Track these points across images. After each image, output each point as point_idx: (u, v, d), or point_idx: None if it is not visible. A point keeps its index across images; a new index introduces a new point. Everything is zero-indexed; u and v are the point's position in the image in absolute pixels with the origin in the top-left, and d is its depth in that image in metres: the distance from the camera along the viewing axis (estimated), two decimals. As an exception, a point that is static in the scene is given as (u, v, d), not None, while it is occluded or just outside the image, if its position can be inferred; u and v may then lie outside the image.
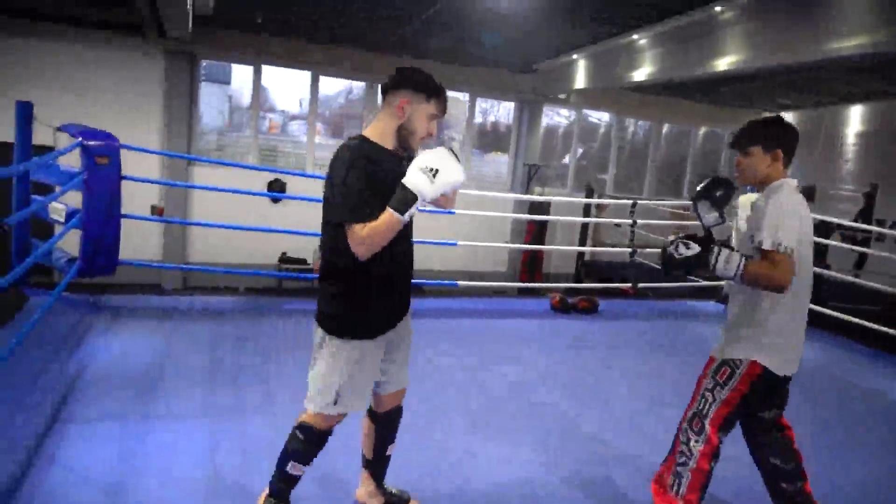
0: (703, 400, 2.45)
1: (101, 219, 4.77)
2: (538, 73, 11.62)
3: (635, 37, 8.61)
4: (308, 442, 2.27)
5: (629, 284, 6.98)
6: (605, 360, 4.82)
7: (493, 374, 4.29)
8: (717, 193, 2.49)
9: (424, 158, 2.00)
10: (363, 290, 2.17)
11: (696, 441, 2.43)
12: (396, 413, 2.51)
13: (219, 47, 10.25)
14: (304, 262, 10.54)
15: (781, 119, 2.54)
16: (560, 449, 3.29)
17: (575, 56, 10.26)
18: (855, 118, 12.41)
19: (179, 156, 9.50)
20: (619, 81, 9.68)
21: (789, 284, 2.23)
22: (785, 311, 2.38)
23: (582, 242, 11.19)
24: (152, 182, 6.79)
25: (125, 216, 5.10)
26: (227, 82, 12.14)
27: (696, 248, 2.32)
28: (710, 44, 7.60)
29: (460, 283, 6.70)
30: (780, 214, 2.28)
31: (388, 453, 2.54)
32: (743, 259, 2.27)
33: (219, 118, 11.95)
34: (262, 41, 10.31)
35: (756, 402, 2.49)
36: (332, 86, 12.54)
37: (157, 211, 9.34)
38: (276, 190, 10.14)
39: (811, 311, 2.56)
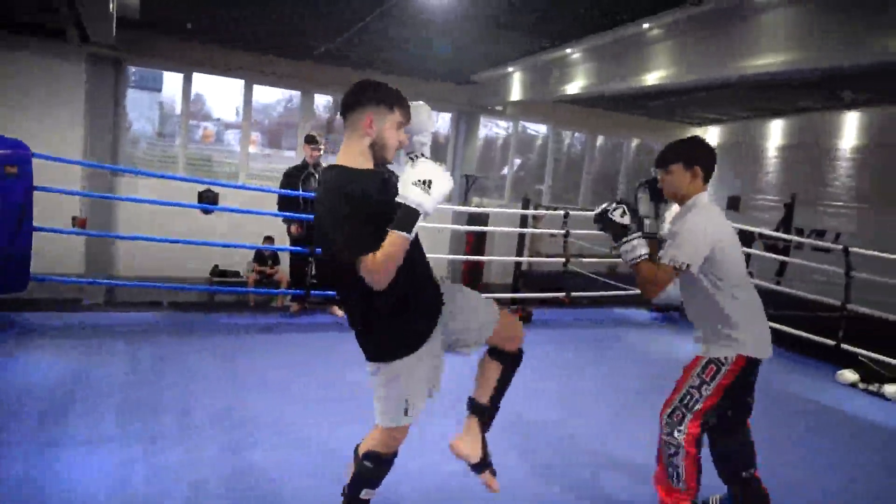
0: (688, 396, 2.62)
1: (9, 231, 4.49)
2: (475, 85, 11.73)
3: (568, 51, 8.80)
4: (378, 466, 2.29)
5: (563, 294, 7.07)
6: (537, 369, 4.84)
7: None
8: (659, 185, 2.73)
9: (414, 173, 1.96)
10: (392, 315, 2.18)
11: (679, 431, 2.61)
12: (518, 355, 2.48)
13: (146, 53, 9.92)
14: (236, 274, 10.26)
15: (700, 139, 2.83)
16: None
17: (511, 69, 10.41)
18: (775, 132, 13.04)
19: (93, 165, 9.04)
20: (553, 94, 9.87)
21: (656, 294, 2.56)
22: (740, 304, 2.60)
23: (519, 253, 11.29)
24: (67, 193, 6.45)
25: (38, 229, 4.83)
26: (158, 89, 11.75)
27: (628, 220, 2.55)
28: (639, 59, 7.84)
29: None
30: (684, 234, 2.52)
31: (500, 402, 2.51)
32: (643, 255, 2.52)
33: (149, 126, 11.56)
34: (192, 48, 10.03)
35: (740, 390, 2.68)
36: (270, 94, 12.32)
37: (78, 223, 8.91)
38: (208, 201, 9.83)
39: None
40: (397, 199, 1.95)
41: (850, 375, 5.33)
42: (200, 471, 2.89)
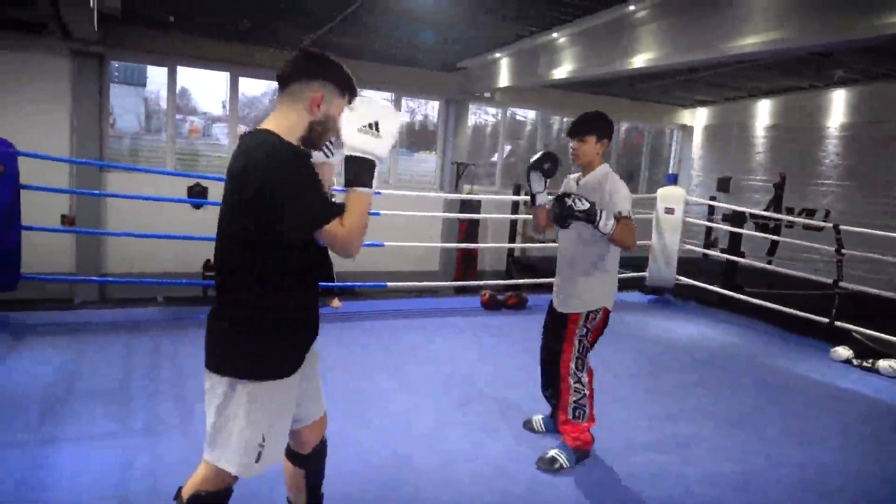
0: (580, 345, 3.09)
1: (-2, 231, 4.46)
2: (463, 72, 11.67)
3: (555, 35, 8.76)
4: None
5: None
6: (532, 352, 4.86)
7: (426, 370, 4.25)
8: (546, 166, 3.16)
9: (356, 117, 1.75)
10: (284, 318, 1.83)
11: (583, 374, 3.11)
12: (322, 448, 2.16)
13: (129, 48, 9.80)
14: (229, 268, 10.23)
15: (607, 117, 3.17)
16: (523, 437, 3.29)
17: (498, 55, 10.36)
18: (763, 112, 13.07)
19: (82, 162, 8.96)
20: (541, 79, 9.83)
21: (636, 244, 3.03)
22: (616, 265, 3.16)
23: (512, 239, 11.31)
24: (55, 191, 6.39)
25: (27, 228, 4.79)
26: (143, 84, 11.63)
27: (588, 205, 2.86)
28: (625, 42, 7.82)
29: (389, 284, 6.65)
30: (624, 190, 3.02)
31: (321, 492, 2.22)
32: (615, 222, 2.89)
33: (134, 122, 11.45)
34: (175, 41, 9.92)
35: (599, 335, 3.20)
36: (256, 87, 12.22)
37: (67, 221, 8.85)
38: (197, 195, 9.79)
39: (727, 296, 2.72)
40: (346, 153, 1.75)
41: (843, 352, 5.37)
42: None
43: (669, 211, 6.95)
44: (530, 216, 10.46)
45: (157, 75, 10.81)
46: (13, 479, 2.66)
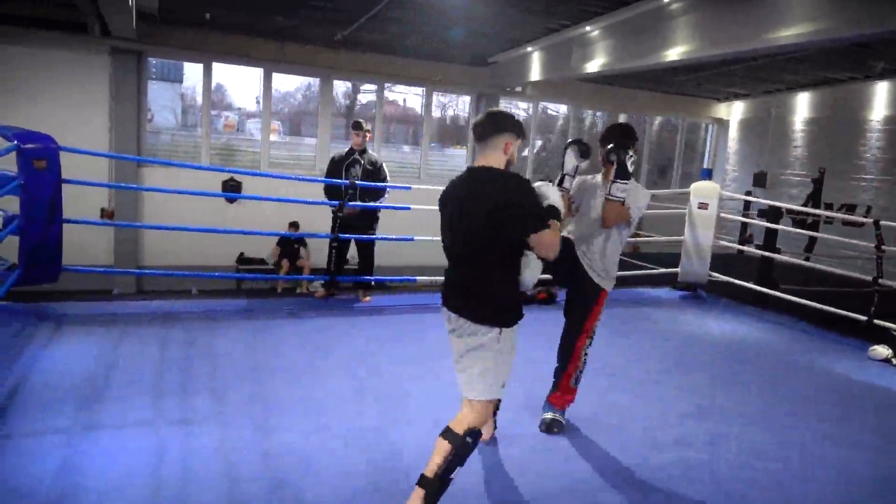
0: (597, 323, 3.43)
1: (41, 224, 4.61)
2: (493, 66, 11.63)
3: (587, 28, 8.67)
4: (475, 442, 2.47)
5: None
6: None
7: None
8: (583, 147, 3.32)
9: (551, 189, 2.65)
10: (515, 285, 2.59)
11: (589, 347, 3.44)
12: (468, 436, 2.52)
13: (166, 45, 10.01)
14: (262, 262, 10.39)
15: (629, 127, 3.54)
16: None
17: (529, 48, 10.30)
18: (802, 105, 12.74)
19: (119, 157, 9.19)
20: (573, 73, 9.75)
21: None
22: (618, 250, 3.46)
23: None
24: (95, 185, 6.56)
25: (68, 221, 4.93)
26: (180, 81, 11.86)
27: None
28: (659, 35, 7.70)
29: (419, 278, 6.69)
30: (640, 193, 3.40)
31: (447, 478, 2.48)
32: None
33: (171, 117, 11.68)
34: (210, 38, 10.10)
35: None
36: (289, 83, 12.35)
37: (106, 214, 9.09)
38: (231, 189, 9.96)
39: (762, 293, 2.67)
40: (547, 203, 2.53)
41: (882, 351, 5.24)
42: (234, 453, 2.96)
43: (703, 206, 6.84)
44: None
45: (193, 72, 11.01)
46: (55, 463, 2.76)
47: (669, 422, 3.69)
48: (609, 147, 3.36)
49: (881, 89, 11.26)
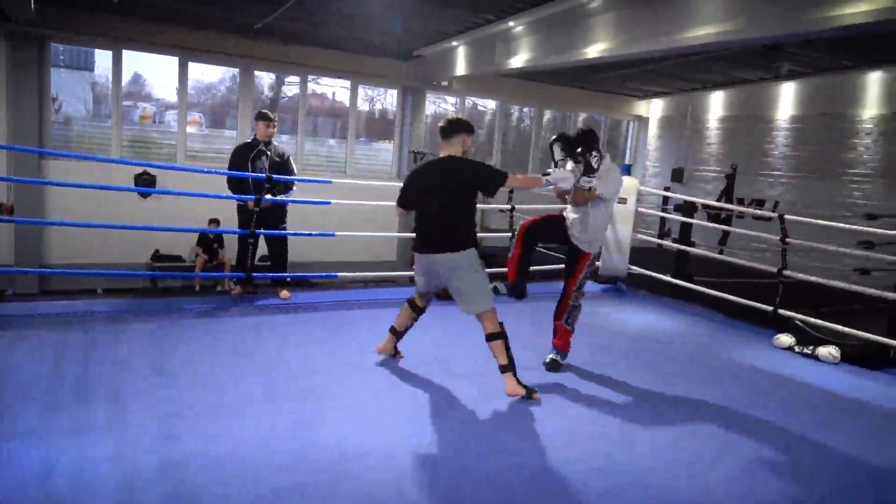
0: (584, 276, 4.42)
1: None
2: (419, 60, 11.56)
3: (511, 24, 8.72)
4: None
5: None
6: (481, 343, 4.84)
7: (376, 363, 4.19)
8: (564, 143, 4.30)
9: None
10: (474, 224, 3.99)
11: (581, 296, 4.46)
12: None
13: (72, 30, 9.42)
14: (179, 259, 9.96)
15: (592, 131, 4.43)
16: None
17: (454, 43, 10.28)
18: (716, 104, 13.28)
19: (17, 148, 8.55)
20: (498, 68, 9.79)
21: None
22: (604, 224, 4.49)
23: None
24: (-8, 178, 6.11)
25: (-48, 217, 4.54)
26: (90, 69, 11.21)
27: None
28: (580, 32, 7.82)
29: (340, 274, 6.56)
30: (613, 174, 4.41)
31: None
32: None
33: (81, 107, 11.02)
34: (120, 24, 9.57)
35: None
36: (213, 73, 11.89)
37: (4, 209, 8.48)
38: (145, 183, 9.50)
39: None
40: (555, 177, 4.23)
41: (786, 339, 5.49)
42: (131, 462, 2.77)
43: (622, 201, 6.98)
44: (489, 205, 10.39)
45: (105, 60, 10.42)
46: (-76, 482, 2.51)
47: (587, 414, 3.72)
48: (578, 150, 4.28)
49: (787, 90, 11.87)
